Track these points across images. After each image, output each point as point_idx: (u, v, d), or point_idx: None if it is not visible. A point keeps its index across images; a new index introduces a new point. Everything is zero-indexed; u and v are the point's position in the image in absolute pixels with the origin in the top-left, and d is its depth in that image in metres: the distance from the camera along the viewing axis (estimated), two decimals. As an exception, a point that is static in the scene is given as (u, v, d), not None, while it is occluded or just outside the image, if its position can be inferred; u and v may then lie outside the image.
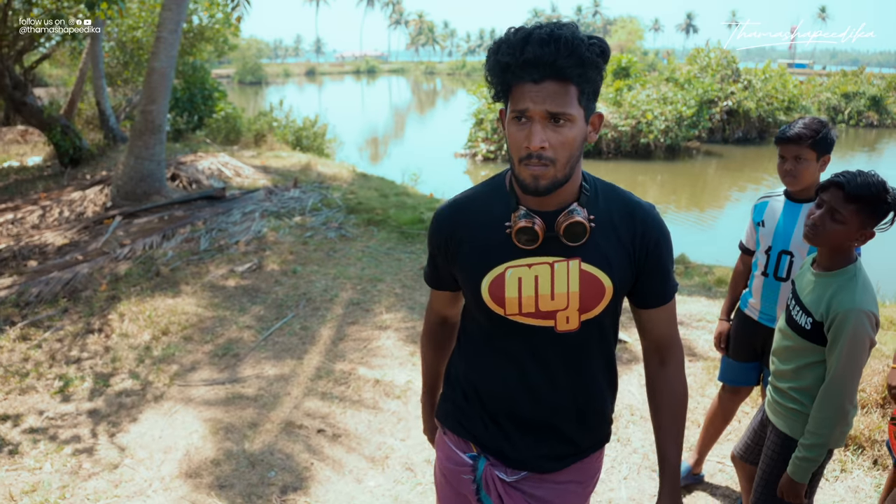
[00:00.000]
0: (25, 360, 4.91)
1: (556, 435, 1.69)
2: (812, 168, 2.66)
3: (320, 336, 5.13)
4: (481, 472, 1.71)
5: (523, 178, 1.46)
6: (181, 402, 4.28)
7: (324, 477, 3.52)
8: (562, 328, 1.59)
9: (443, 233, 1.67)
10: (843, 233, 2.09)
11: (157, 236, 7.43)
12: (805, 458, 2.16)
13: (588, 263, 1.54)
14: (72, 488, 3.45)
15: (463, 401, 1.76)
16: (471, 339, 1.74)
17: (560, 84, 1.38)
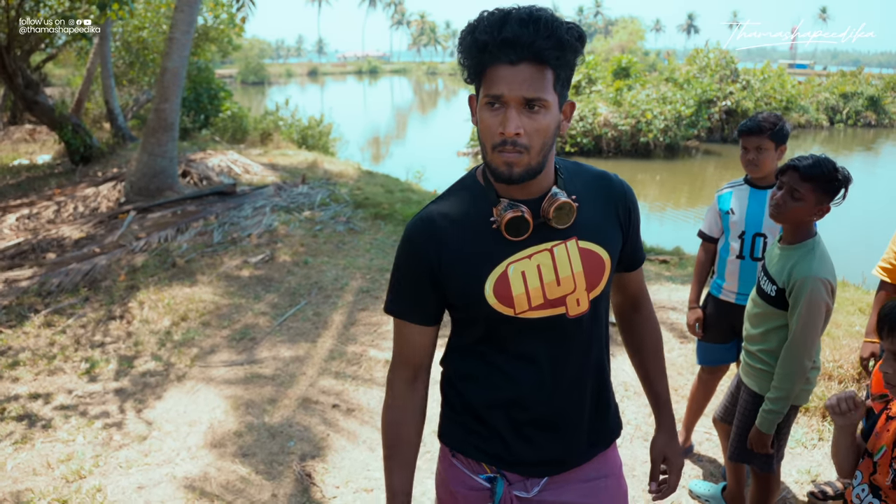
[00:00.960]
0: (51, 344, 5.17)
1: (576, 427, 1.64)
2: (771, 157, 2.96)
3: (332, 321, 5.40)
4: (500, 496, 1.63)
5: (496, 165, 1.42)
6: (202, 381, 4.54)
7: (339, 446, 3.79)
8: (573, 312, 1.55)
9: (420, 249, 1.54)
10: (802, 209, 2.37)
11: (172, 230, 7.70)
12: (770, 411, 2.44)
13: (585, 240, 1.54)
14: (104, 457, 3.71)
15: (467, 418, 1.66)
16: (470, 356, 1.64)
17: (537, 67, 1.35)
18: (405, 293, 1.58)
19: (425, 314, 1.59)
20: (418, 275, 1.55)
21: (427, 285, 1.54)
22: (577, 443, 1.64)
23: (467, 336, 1.63)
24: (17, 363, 4.85)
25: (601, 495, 1.68)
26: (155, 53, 16.63)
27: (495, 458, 1.63)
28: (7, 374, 4.70)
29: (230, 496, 3.37)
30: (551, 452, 1.62)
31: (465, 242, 1.51)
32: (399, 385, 1.64)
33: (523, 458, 1.62)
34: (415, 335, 1.61)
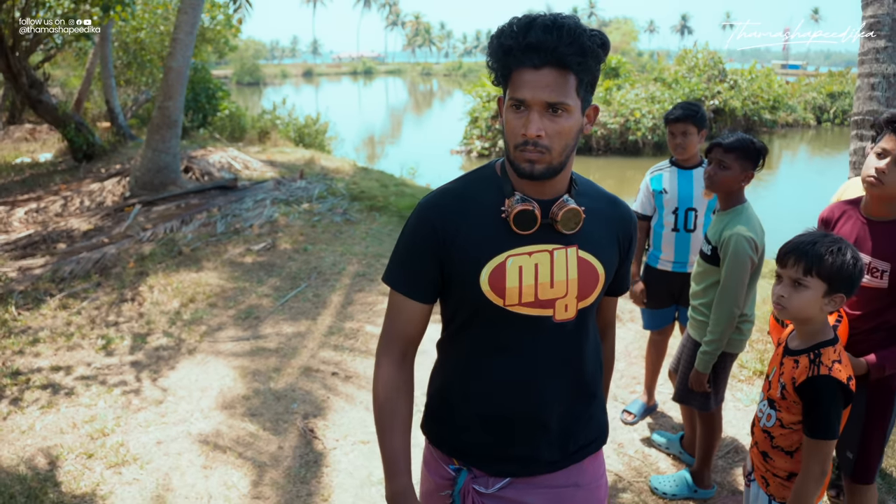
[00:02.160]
0: (68, 324, 5.55)
1: (547, 433, 1.67)
2: (695, 140, 3.46)
3: (331, 301, 5.80)
4: (460, 486, 1.69)
5: (519, 162, 1.48)
6: (212, 354, 4.93)
7: (339, 407, 4.19)
8: (560, 317, 1.60)
9: (432, 223, 1.59)
10: (731, 177, 2.81)
11: (177, 221, 8.08)
12: (705, 352, 2.88)
13: (584, 251, 1.59)
14: (125, 419, 4.10)
15: (444, 410, 1.74)
16: (455, 343, 1.71)
17: (559, 72, 1.41)
18: (407, 265, 1.63)
19: (422, 290, 1.63)
20: (424, 248, 1.59)
21: (429, 260, 1.59)
22: (547, 447, 1.67)
23: (454, 322, 1.68)
24: (37, 340, 5.22)
25: (568, 502, 1.70)
26: (152, 54, 16.98)
27: (458, 450, 1.70)
28: (28, 350, 5.08)
29: (241, 448, 3.76)
30: (517, 451, 1.66)
31: (473, 226, 1.56)
32: (389, 364, 1.67)
33: (486, 452, 1.67)
34: (411, 312, 1.64)
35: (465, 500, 1.69)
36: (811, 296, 2.00)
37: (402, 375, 1.68)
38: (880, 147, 2.30)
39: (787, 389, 2.07)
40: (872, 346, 2.37)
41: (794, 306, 2.03)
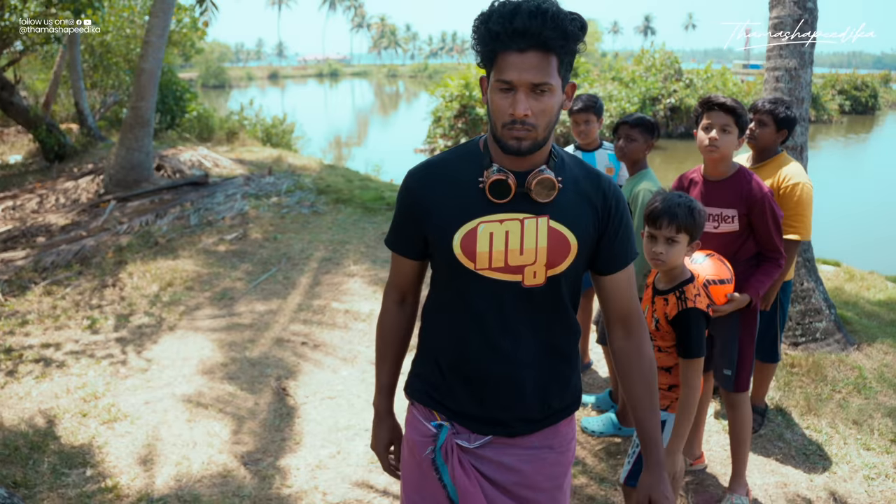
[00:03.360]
0: (54, 308, 5.96)
1: (523, 395, 1.74)
2: (595, 128, 4.09)
3: (300, 283, 6.28)
4: (442, 441, 1.76)
5: (506, 140, 1.58)
6: (191, 329, 5.38)
7: (308, 370, 4.68)
8: (529, 283, 1.66)
9: (414, 193, 1.73)
10: (637, 147, 3.46)
11: (151, 215, 8.49)
12: None
13: (556, 221, 1.65)
14: (114, 385, 4.54)
15: (428, 369, 1.83)
16: (439, 305, 1.81)
17: (543, 54, 1.51)
18: (398, 229, 1.81)
19: (411, 249, 1.80)
20: (408, 214, 1.76)
21: (413, 223, 1.75)
22: (522, 411, 1.75)
23: (438, 284, 1.81)
24: (26, 322, 5.63)
25: (538, 464, 1.78)
26: (118, 57, 17.17)
27: (442, 406, 1.79)
28: (18, 331, 5.48)
29: (221, 405, 4.23)
30: (494, 414, 1.75)
31: (451, 194, 1.68)
32: (390, 303, 1.92)
33: (468, 411, 1.76)
34: (402, 265, 1.85)
35: (448, 455, 1.75)
36: (681, 248, 2.53)
37: (399, 316, 1.91)
38: (704, 124, 3.00)
39: (660, 323, 2.58)
40: (739, 278, 2.96)
41: (671, 259, 2.54)
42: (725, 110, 2.93)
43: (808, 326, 4.74)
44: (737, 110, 2.93)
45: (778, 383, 4.34)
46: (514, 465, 1.76)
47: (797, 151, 4.64)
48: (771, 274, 3.00)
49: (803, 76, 4.65)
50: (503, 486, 1.77)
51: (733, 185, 3.01)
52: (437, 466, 1.77)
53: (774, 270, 3.01)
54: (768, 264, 3.02)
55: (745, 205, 2.97)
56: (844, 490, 3.40)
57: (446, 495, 1.78)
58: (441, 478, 1.76)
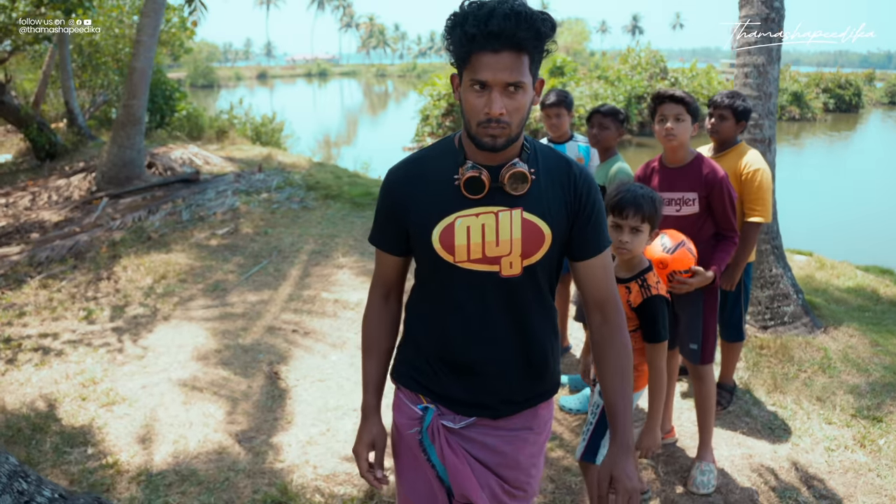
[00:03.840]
0: (50, 300, 6.12)
1: (504, 379, 1.83)
2: (566, 121, 4.28)
3: (290, 274, 6.47)
4: (428, 422, 1.85)
5: (481, 137, 1.64)
6: (185, 319, 5.56)
7: (299, 356, 4.86)
8: (506, 273, 1.74)
9: (395, 190, 1.80)
10: (610, 135, 3.76)
11: (144, 211, 8.64)
12: None
13: (529, 213, 1.72)
14: (111, 371, 4.71)
15: (413, 356, 1.92)
16: (423, 297, 1.89)
17: (516, 54, 1.56)
18: (380, 226, 1.87)
19: (394, 245, 1.86)
20: (389, 211, 1.82)
21: (393, 220, 1.82)
22: (501, 394, 1.85)
23: (421, 278, 1.89)
24: (23, 313, 5.79)
25: (517, 444, 1.89)
26: (107, 56, 17.25)
27: (427, 389, 1.88)
28: (16, 322, 5.64)
29: (215, 388, 4.41)
30: (477, 397, 1.84)
31: (429, 191, 1.75)
32: (375, 298, 1.97)
33: (452, 394, 1.85)
34: (386, 261, 1.91)
35: (434, 435, 1.84)
36: (644, 237, 2.68)
37: (384, 312, 1.97)
38: (659, 116, 3.23)
39: None
40: (701, 256, 3.17)
41: (636, 248, 2.68)
42: (676, 101, 3.17)
43: (776, 310, 4.97)
44: (686, 100, 3.17)
45: (747, 364, 4.56)
46: (496, 446, 1.86)
47: (765, 144, 4.86)
48: (729, 251, 3.23)
49: (771, 72, 4.87)
50: (485, 464, 1.87)
51: (692, 171, 3.23)
52: (424, 447, 1.85)
53: (731, 248, 3.24)
54: (726, 242, 3.25)
55: (705, 188, 3.19)
56: (806, 460, 3.61)
57: (436, 475, 1.86)
58: (429, 458, 1.84)
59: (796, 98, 33.82)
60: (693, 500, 3.31)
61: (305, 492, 3.35)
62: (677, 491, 3.37)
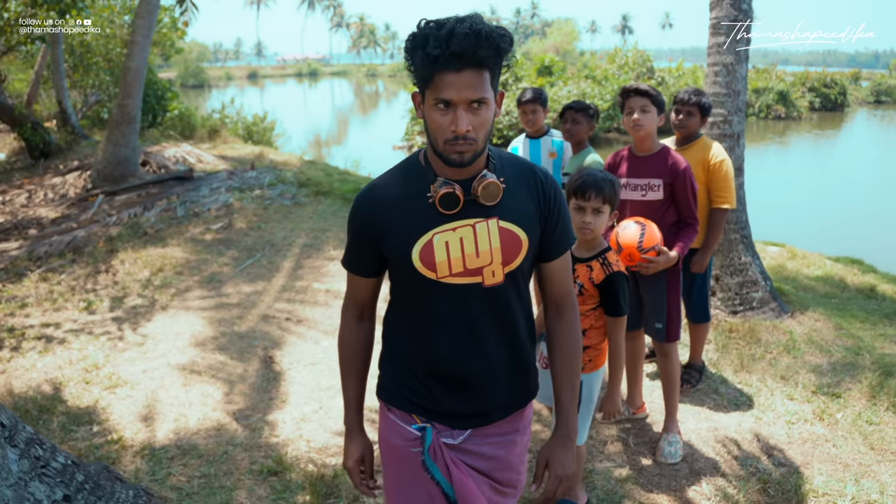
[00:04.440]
0: (51, 292, 6.33)
1: (495, 386, 1.87)
2: (541, 117, 4.53)
3: (283, 266, 6.70)
4: (430, 442, 1.84)
5: (448, 154, 1.66)
6: (183, 309, 5.79)
7: (292, 342, 5.10)
8: (489, 282, 1.77)
9: (366, 215, 1.79)
10: (582, 129, 4.04)
11: (139, 208, 8.85)
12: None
13: (505, 220, 1.76)
14: (113, 357, 4.94)
15: (402, 374, 1.91)
16: (404, 315, 1.89)
17: (478, 72, 1.58)
18: (353, 251, 1.87)
19: (368, 268, 1.87)
20: (362, 236, 1.82)
21: (368, 244, 1.81)
22: (495, 401, 1.88)
23: (400, 296, 1.89)
24: (25, 305, 6.00)
25: (510, 447, 1.95)
26: (98, 57, 17.39)
27: (423, 409, 1.87)
28: (19, 313, 5.85)
29: (213, 372, 4.64)
30: (472, 408, 1.87)
31: (402, 212, 1.75)
32: (349, 319, 1.98)
33: (447, 409, 1.86)
34: (360, 284, 1.92)
35: (437, 454, 1.84)
36: (605, 218, 2.90)
37: (359, 332, 1.99)
38: (627, 108, 3.49)
39: (585, 287, 2.91)
40: (666, 240, 3.42)
41: (598, 228, 2.89)
42: (641, 94, 3.44)
43: (745, 296, 5.24)
44: (651, 93, 3.44)
45: (716, 346, 4.83)
46: (492, 453, 1.91)
47: (734, 139, 5.13)
48: (690, 236, 3.49)
49: (739, 70, 5.13)
50: (484, 473, 1.92)
51: (659, 160, 3.50)
52: (427, 466, 1.84)
53: (693, 234, 3.51)
54: (687, 229, 3.51)
55: (670, 176, 3.45)
56: (767, 432, 3.87)
57: (441, 492, 1.85)
58: (433, 476, 1.84)
59: (782, 97, 34.23)
60: (661, 468, 3.56)
61: (299, 462, 3.59)
62: (646, 461, 3.62)
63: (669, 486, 3.42)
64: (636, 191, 3.50)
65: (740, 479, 3.45)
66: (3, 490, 2.73)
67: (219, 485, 3.41)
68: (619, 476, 3.49)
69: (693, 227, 3.51)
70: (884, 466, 3.56)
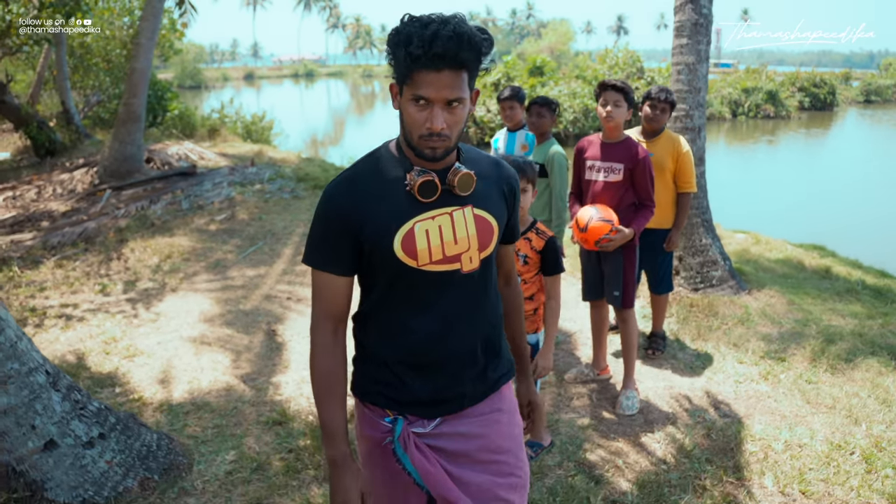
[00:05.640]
0: (67, 277, 6.81)
1: (469, 370, 1.89)
2: (519, 112, 4.99)
3: (283, 253, 7.19)
4: (399, 433, 1.84)
5: (422, 148, 1.69)
6: (191, 291, 6.27)
7: (293, 318, 5.58)
8: (466, 268, 1.81)
9: (341, 204, 1.75)
10: (545, 122, 4.51)
11: (146, 201, 9.34)
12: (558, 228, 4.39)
13: (478, 208, 1.82)
14: (129, 331, 5.42)
15: (374, 368, 1.89)
16: (378, 306, 1.85)
17: (456, 72, 1.61)
18: (324, 246, 1.77)
19: (342, 264, 1.78)
20: (337, 228, 1.75)
21: (345, 237, 1.75)
22: (470, 384, 1.90)
23: (375, 289, 1.84)
24: (43, 289, 6.48)
25: (494, 426, 1.95)
26: (97, 58, 17.81)
27: (394, 401, 1.87)
28: (39, 295, 6.33)
29: (222, 343, 5.13)
30: (445, 393, 1.87)
31: (381, 201, 1.74)
32: (323, 338, 1.82)
33: (419, 398, 1.86)
34: (335, 286, 1.79)
35: (406, 445, 1.84)
36: (529, 195, 3.30)
37: (335, 352, 1.82)
38: (601, 101, 3.94)
39: (529, 257, 3.34)
40: (624, 219, 3.91)
41: (526, 205, 3.30)
42: (616, 90, 3.90)
43: (706, 275, 5.74)
44: (625, 89, 3.91)
45: (677, 318, 5.32)
46: (471, 431, 1.90)
47: (695, 132, 5.63)
48: (647, 216, 3.97)
49: (699, 69, 5.63)
50: (467, 456, 1.90)
51: (622, 147, 3.98)
52: (398, 457, 1.84)
53: (649, 214, 3.99)
54: (644, 209, 3.99)
55: (631, 162, 3.93)
56: (717, 390, 4.37)
57: (413, 481, 1.86)
58: (404, 467, 1.84)
59: (771, 96, 34.80)
60: (619, 419, 4.05)
61: (300, 415, 4.07)
62: (607, 414, 4.11)
63: (625, 432, 3.92)
64: (600, 172, 3.98)
65: (688, 426, 3.94)
66: (49, 426, 3.22)
67: (230, 433, 3.89)
68: (582, 424, 3.98)
69: (649, 209, 3.99)
70: (816, 417, 4.05)
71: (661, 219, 4.56)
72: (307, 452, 3.65)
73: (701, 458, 3.63)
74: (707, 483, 3.41)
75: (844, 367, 4.63)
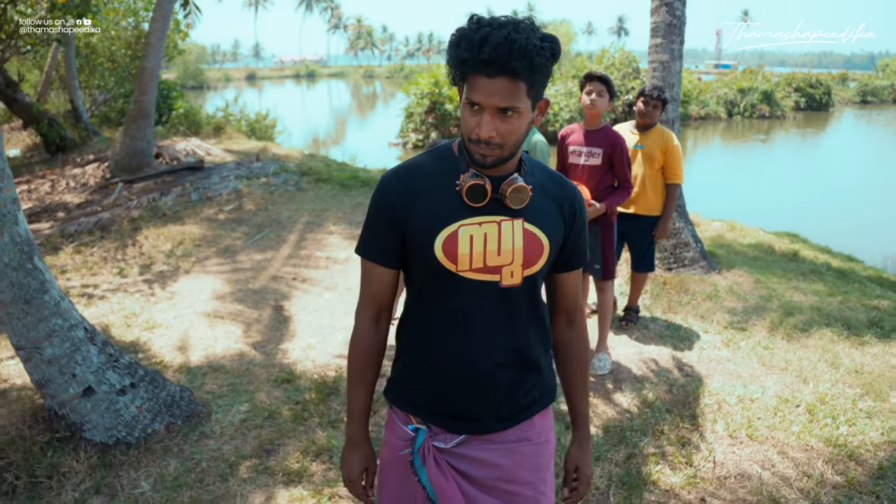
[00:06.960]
0: (85, 262, 7.28)
1: (498, 392, 1.77)
2: None
3: (289, 239, 7.67)
4: (420, 444, 1.79)
5: (473, 154, 1.64)
6: (203, 273, 6.74)
7: (299, 295, 6.06)
8: (506, 283, 1.71)
9: (392, 196, 1.72)
10: None
11: (157, 193, 9.81)
12: None
13: (530, 223, 1.71)
14: (147, 308, 5.89)
15: (405, 372, 1.86)
16: (417, 309, 1.81)
17: (511, 81, 1.53)
18: (373, 237, 1.77)
19: (388, 256, 1.76)
20: (384, 219, 1.73)
21: (389, 228, 1.72)
22: (497, 407, 1.78)
23: (412, 287, 1.81)
24: (64, 272, 6.95)
25: (515, 457, 1.82)
26: (102, 58, 18.24)
27: (420, 408, 1.82)
28: (60, 277, 6.80)
29: (233, 316, 5.60)
30: (467, 409, 1.77)
31: (429, 198, 1.70)
32: (365, 322, 1.85)
33: (443, 410, 1.79)
34: (380, 276, 1.79)
35: (425, 457, 1.78)
36: None
37: (375, 337, 1.86)
38: (586, 90, 4.37)
39: None
40: (602, 198, 4.37)
41: None
42: (600, 80, 4.35)
43: (678, 255, 6.21)
44: (608, 81, 4.36)
45: (651, 295, 5.80)
46: (491, 459, 1.81)
47: (670, 124, 6.10)
48: (623, 196, 4.42)
49: (673, 67, 6.11)
50: (484, 483, 1.82)
51: (602, 135, 4.41)
52: (415, 468, 1.80)
53: (625, 194, 4.43)
54: (621, 190, 4.44)
55: (610, 147, 4.37)
56: (682, 355, 4.84)
57: (426, 496, 1.81)
58: (420, 479, 1.79)
59: (766, 97, 35.29)
60: (592, 378, 4.52)
61: (306, 374, 4.55)
62: (582, 374, 4.59)
63: (597, 389, 4.39)
64: (580, 156, 4.44)
65: (653, 384, 4.41)
66: (88, 375, 3.69)
67: (244, 389, 4.37)
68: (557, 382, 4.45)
69: (627, 190, 4.44)
70: (769, 377, 4.52)
71: (650, 207, 5.02)
72: (313, 403, 4.13)
73: (662, 409, 4.10)
74: (665, 428, 3.89)
75: (800, 336, 5.10)
